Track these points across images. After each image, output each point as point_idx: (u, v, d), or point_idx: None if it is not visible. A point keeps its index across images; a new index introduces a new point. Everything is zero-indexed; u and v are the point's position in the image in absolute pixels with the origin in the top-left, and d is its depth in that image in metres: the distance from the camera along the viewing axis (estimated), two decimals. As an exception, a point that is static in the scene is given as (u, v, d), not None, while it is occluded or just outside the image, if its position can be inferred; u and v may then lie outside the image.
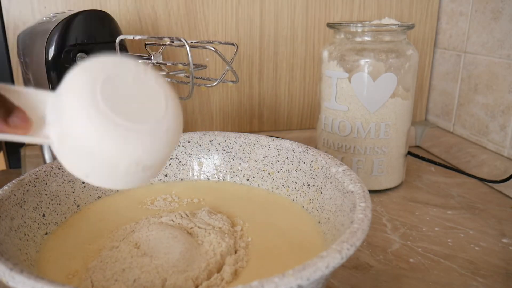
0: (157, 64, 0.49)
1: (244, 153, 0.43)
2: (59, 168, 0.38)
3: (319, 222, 0.35)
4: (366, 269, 0.38)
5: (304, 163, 0.39)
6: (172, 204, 0.40)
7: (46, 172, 0.37)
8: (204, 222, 0.35)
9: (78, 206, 0.39)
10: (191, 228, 0.34)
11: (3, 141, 0.66)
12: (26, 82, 0.54)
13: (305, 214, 0.38)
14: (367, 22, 0.51)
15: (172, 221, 0.34)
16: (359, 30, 0.49)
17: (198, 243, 0.32)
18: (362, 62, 0.49)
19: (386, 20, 0.51)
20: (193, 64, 0.41)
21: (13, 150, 0.64)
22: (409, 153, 0.55)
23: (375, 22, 0.51)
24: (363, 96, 0.49)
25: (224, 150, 0.44)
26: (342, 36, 0.51)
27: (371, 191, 0.53)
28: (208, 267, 0.30)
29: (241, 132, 0.45)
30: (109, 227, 0.36)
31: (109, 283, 0.28)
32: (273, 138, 0.43)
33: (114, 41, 0.47)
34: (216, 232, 0.33)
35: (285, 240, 0.34)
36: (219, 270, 0.30)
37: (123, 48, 0.51)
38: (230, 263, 0.30)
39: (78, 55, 0.47)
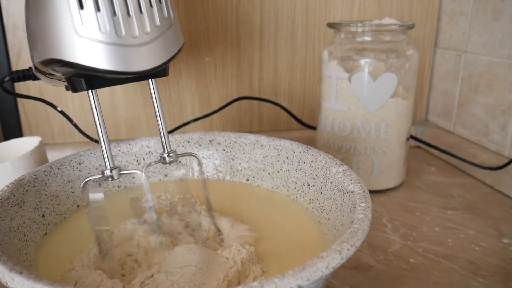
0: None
1: (244, 153, 0.43)
2: (58, 169, 0.38)
3: (319, 222, 0.35)
4: (366, 270, 0.38)
5: (304, 163, 0.39)
6: (164, 202, 0.40)
7: (45, 173, 0.37)
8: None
9: (78, 206, 0.39)
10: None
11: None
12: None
13: (305, 214, 0.37)
14: (367, 22, 0.51)
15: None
16: (359, 30, 0.49)
17: (217, 253, 0.30)
18: (362, 62, 0.49)
19: (386, 20, 0.51)
20: None
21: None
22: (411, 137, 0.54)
23: (375, 22, 0.51)
24: (363, 96, 0.49)
25: (224, 150, 0.44)
26: (342, 36, 0.51)
27: (371, 191, 0.53)
28: (227, 277, 0.28)
29: (241, 132, 0.45)
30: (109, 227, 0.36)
31: None
32: (273, 138, 0.43)
33: None
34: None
35: (285, 240, 0.34)
36: (240, 279, 0.29)
37: None
38: (257, 273, 0.29)
39: None
